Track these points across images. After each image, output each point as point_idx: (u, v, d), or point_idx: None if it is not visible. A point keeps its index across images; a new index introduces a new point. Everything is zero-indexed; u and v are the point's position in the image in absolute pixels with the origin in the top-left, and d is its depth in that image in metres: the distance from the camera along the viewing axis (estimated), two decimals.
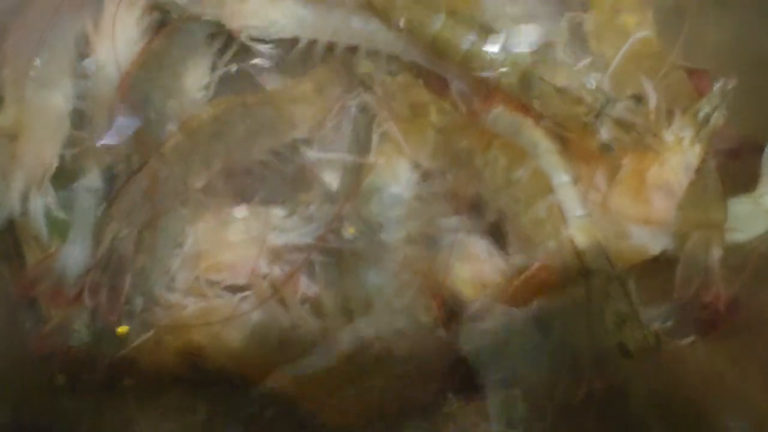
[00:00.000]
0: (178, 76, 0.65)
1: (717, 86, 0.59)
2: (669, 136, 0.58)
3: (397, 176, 0.64)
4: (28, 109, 0.63)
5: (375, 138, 0.65)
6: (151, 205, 0.58)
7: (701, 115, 0.58)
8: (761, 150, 0.63)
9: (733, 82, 0.59)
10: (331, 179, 0.66)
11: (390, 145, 0.65)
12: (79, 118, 0.65)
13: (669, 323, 0.59)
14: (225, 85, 0.67)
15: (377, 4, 0.63)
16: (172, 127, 0.62)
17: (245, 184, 0.62)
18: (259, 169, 0.63)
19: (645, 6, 0.67)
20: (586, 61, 0.65)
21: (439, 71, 0.66)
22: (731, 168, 0.62)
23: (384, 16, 0.64)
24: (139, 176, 0.57)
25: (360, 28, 0.65)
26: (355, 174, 0.65)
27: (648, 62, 0.65)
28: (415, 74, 0.67)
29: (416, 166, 0.64)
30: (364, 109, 0.67)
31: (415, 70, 0.67)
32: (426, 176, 0.64)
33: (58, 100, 0.64)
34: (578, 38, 0.68)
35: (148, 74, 0.64)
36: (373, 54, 0.66)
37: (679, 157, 0.58)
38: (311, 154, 0.66)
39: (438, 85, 0.66)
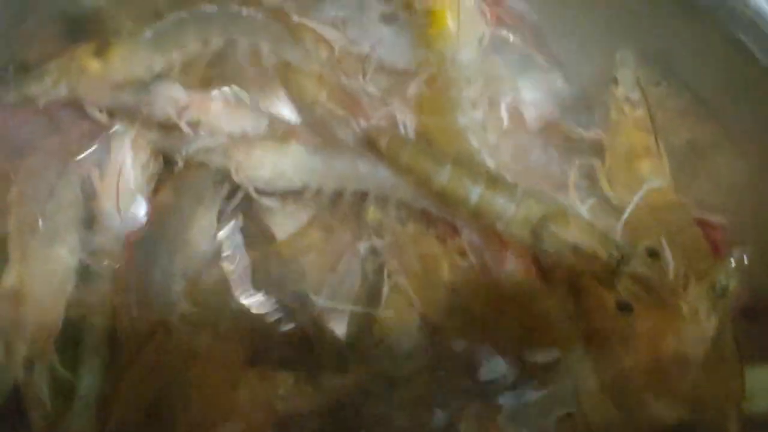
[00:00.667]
0: (185, 229, 0.64)
1: (733, 256, 0.57)
2: (684, 306, 0.57)
3: (408, 331, 0.63)
4: (32, 267, 0.61)
5: (385, 290, 0.64)
6: (158, 380, 0.57)
7: (717, 289, 0.57)
8: None
9: (749, 250, 0.57)
10: (339, 330, 0.65)
11: (400, 297, 0.64)
12: (85, 273, 0.63)
13: None
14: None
15: (384, 152, 0.62)
16: (177, 286, 0.61)
17: (254, 347, 0.61)
18: (268, 328, 0.62)
19: (660, 152, 0.66)
20: (592, 200, 0.65)
21: (450, 219, 0.65)
22: (749, 330, 0.61)
23: (392, 163, 0.63)
24: (146, 351, 0.56)
25: (368, 174, 0.64)
26: (364, 325, 0.64)
27: (663, 214, 0.64)
28: (425, 222, 0.66)
29: (427, 322, 0.63)
30: (373, 254, 0.66)
31: (425, 217, 0.66)
32: (437, 333, 0.63)
33: (64, 255, 0.63)
34: (590, 183, 0.68)
35: (155, 230, 0.63)
36: (382, 200, 0.66)
37: (695, 328, 0.57)
38: (319, 302, 0.65)
39: (449, 231, 0.66)
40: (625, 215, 0.63)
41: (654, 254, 0.59)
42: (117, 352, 0.61)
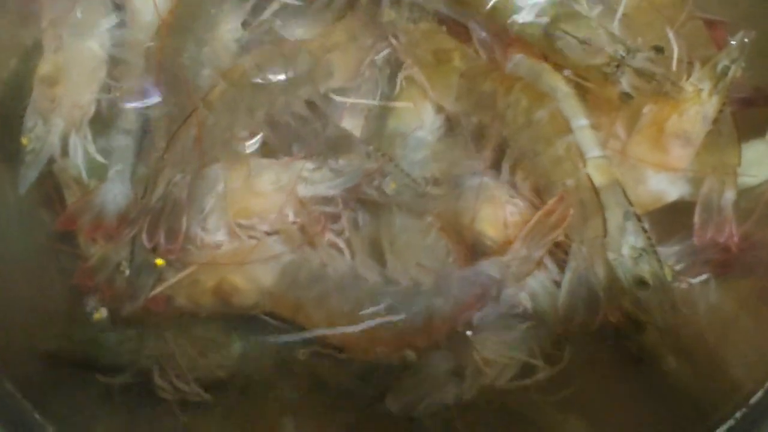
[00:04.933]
0: (213, 26, 0.67)
1: (736, 39, 0.60)
2: (688, 87, 0.60)
3: (421, 120, 0.66)
4: (66, 57, 0.66)
5: (400, 82, 0.67)
6: (199, 153, 0.60)
7: (720, 68, 0.59)
8: None
9: (752, 34, 0.60)
10: (356, 125, 0.68)
11: (415, 90, 0.67)
12: (115, 66, 0.67)
13: (683, 263, 0.61)
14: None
15: None
16: (206, 72, 0.65)
17: (282, 138, 0.64)
18: (297, 123, 0.65)
19: None
20: (599, 9, 0.67)
21: (462, 20, 0.68)
22: (744, 114, 0.64)
23: None
24: (188, 124, 0.59)
25: None
26: (380, 119, 0.68)
27: (667, 12, 0.66)
28: (437, 22, 0.69)
29: (440, 109, 0.66)
30: (390, 56, 0.69)
31: (437, 18, 0.69)
32: (450, 119, 0.66)
33: (95, 47, 0.67)
34: None
35: (183, 23, 0.66)
36: (396, 2, 0.68)
37: (697, 107, 0.60)
38: (339, 98, 0.68)
39: (459, 32, 0.68)
40: (621, 8, 0.65)
41: (659, 50, 0.61)
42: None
